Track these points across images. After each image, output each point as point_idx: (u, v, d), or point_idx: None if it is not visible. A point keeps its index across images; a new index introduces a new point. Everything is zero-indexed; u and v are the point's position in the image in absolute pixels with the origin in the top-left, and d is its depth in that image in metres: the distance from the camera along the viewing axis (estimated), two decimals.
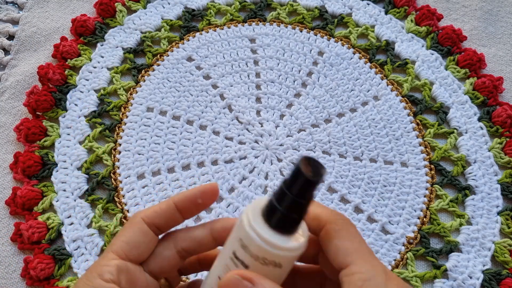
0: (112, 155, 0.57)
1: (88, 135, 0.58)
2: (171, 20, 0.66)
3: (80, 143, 0.58)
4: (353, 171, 0.57)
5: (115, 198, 0.55)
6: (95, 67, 0.62)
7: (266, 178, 0.57)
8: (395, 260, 0.53)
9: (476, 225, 0.54)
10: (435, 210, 0.55)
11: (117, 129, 0.59)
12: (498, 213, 0.55)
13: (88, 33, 0.64)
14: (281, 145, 0.59)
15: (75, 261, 0.51)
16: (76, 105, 0.60)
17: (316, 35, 0.66)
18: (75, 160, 0.56)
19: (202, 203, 0.30)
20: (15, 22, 0.66)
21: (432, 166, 0.58)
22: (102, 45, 0.64)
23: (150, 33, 0.65)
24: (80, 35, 0.64)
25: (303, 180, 0.24)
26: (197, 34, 0.65)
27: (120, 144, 0.58)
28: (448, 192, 0.57)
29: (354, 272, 0.26)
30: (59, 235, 0.53)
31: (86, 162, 0.56)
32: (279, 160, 0.58)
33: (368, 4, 0.68)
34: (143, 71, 0.62)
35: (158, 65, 0.63)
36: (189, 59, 0.64)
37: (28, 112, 0.59)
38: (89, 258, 0.52)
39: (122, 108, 0.60)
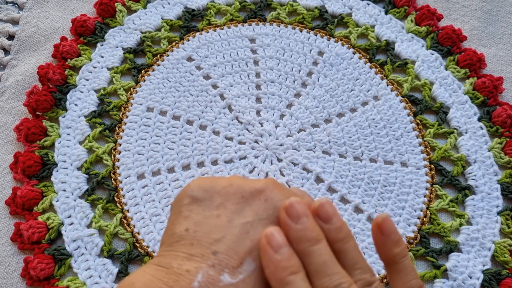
0: (112, 155, 0.57)
1: (88, 135, 0.58)
2: (171, 20, 0.66)
3: (80, 143, 0.58)
4: (353, 171, 0.57)
5: (115, 198, 0.55)
6: (95, 67, 0.62)
7: (266, 178, 0.57)
8: None
9: (476, 225, 0.54)
10: (435, 210, 0.55)
11: (117, 129, 0.59)
12: (498, 213, 0.55)
13: (88, 33, 0.64)
14: (281, 145, 0.59)
15: (75, 261, 0.51)
16: (76, 105, 0.60)
17: (316, 35, 0.66)
18: (75, 160, 0.56)
19: None
20: (15, 22, 0.66)
21: (432, 166, 0.58)
22: (102, 45, 0.64)
23: (150, 33, 0.65)
24: (80, 35, 0.64)
25: None
26: (197, 34, 0.65)
27: (120, 144, 0.58)
28: (448, 192, 0.57)
29: None
30: (59, 235, 0.53)
31: (86, 162, 0.56)
32: (279, 160, 0.58)
33: (368, 4, 0.68)
34: (143, 71, 0.62)
35: (158, 65, 0.63)
36: (189, 59, 0.64)
37: (28, 112, 0.59)
38: (89, 258, 0.52)
39: (122, 108, 0.60)
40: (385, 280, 0.52)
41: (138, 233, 0.53)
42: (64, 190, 0.55)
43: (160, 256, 0.27)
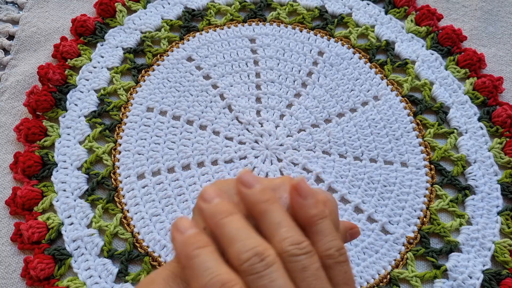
0: (112, 155, 0.57)
1: (88, 135, 0.58)
2: (171, 20, 0.66)
3: (80, 143, 0.58)
4: (353, 171, 0.57)
5: (115, 198, 0.55)
6: (95, 67, 0.62)
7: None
8: (395, 260, 0.53)
9: (476, 225, 0.54)
10: (435, 210, 0.55)
11: (117, 129, 0.59)
12: (498, 213, 0.55)
13: (88, 33, 0.64)
14: (281, 145, 0.59)
15: (75, 261, 0.51)
16: (76, 105, 0.60)
17: (316, 35, 0.66)
18: (75, 160, 0.56)
19: None
20: (15, 22, 0.66)
21: (432, 166, 0.58)
22: (102, 45, 0.64)
23: (150, 33, 0.65)
24: (80, 35, 0.64)
25: None
26: (197, 34, 0.65)
27: (120, 144, 0.58)
28: (448, 192, 0.57)
29: None
30: (59, 235, 0.53)
31: (86, 162, 0.56)
32: (279, 160, 0.58)
33: (368, 4, 0.68)
34: (143, 71, 0.62)
35: (158, 65, 0.63)
36: (189, 59, 0.64)
37: (28, 112, 0.59)
38: (89, 258, 0.52)
39: (122, 108, 0.60)
40: (385, 280, 0.52)
41: (138, 233, 0.53)
42: (64, 190, 0.55)
43: None
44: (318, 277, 0.25)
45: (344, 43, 0.65)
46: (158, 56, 0.63)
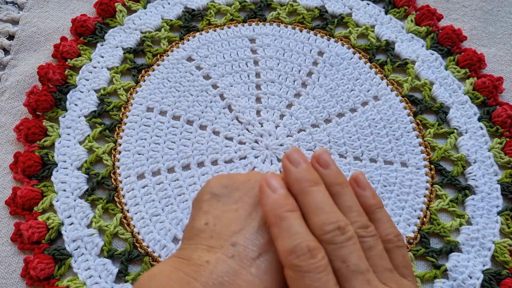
0: (112, 155, 0.57)
1: (88, 135, 0.58)
2: (171, 20, 0.66)
3: (80, 143, 0.58)
4: (353, 171, 0.57)
5: (115, 198, 0.55)
6: (95, 67, 0.62)
7: None
8: None
9: (476, 225, 0.54)
10: (435, 210, 0.55)
11: (117, 129, 0.59)
12: (498, 213, 0.55)
13: (88, 33, 0.64)
14: (281, 145, 0.59)
15: (75, 261, 0.51)
16: (76, 105, 0.60)
17: (316, 35, 0.66)
18: (75, 160, 0.56)
19: None
20: (15, 22, 0.66)
21: (432, 166, 0.58)
22: (102, 45, 0.64)
23: (150, 33, 0.65)
24: (80, 35, 0.64)
25: None
26: (197, 34, 0.65)
27: (120, 144, 0.58)
28: (448, 192, 0.57)
29: None
30: (59, 235, 0.53)
31: (86, 162, 0.56)
32: (279, 160, 0.58)
33: (368, 4, 0.68)
34: (143, 71, 0.62)
35: (158, 65, 0.63)
36: (189, 59, 0.64)
37: (28, 112, 0.59)
38: (89, 258, 0.52)
39: (122, 108, 0.60)
40: None
41: (138, 233, 0.53)
42: (64, 190, 0.55)
43: (181, 249, 0.28)
44: (382, 256, 0.28)
45: (344, 43, 0.65)
46: (158, 56, 0.63)
